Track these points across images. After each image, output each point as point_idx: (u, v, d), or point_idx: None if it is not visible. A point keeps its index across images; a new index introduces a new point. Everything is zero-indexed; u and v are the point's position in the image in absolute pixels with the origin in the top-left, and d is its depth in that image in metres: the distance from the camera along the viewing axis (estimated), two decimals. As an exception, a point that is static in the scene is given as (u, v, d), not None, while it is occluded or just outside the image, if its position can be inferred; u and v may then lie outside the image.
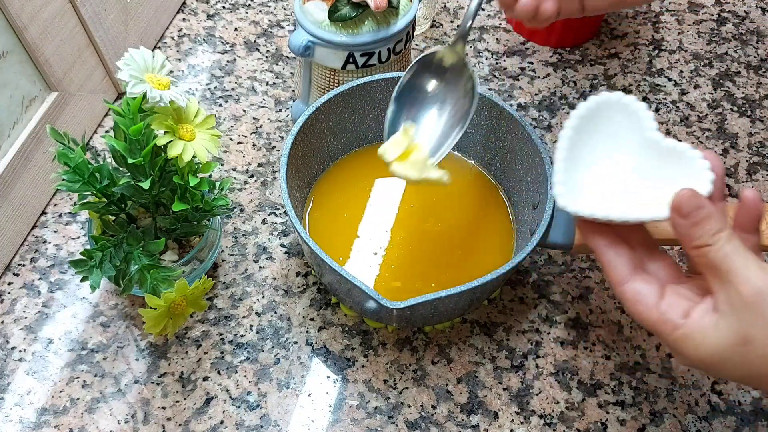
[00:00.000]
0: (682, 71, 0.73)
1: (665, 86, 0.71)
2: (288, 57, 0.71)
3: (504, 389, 0.51)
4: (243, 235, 0.58)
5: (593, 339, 0.54)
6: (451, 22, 0.76)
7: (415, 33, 0.73)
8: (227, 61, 0.70)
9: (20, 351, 0.51)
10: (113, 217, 0.50)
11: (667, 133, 0.67)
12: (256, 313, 0.54)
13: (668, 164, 0.41)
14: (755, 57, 0.75)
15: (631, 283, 0.39)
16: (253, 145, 0.64)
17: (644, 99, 0.70)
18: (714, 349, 0.35)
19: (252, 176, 0.62)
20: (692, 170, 0.39)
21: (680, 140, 0.66)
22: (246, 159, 0.63)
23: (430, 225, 0.55)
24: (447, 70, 0.49)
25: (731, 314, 0.34)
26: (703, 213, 0.36)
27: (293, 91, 0.68)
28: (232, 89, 0.68)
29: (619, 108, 0.43)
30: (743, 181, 0.64)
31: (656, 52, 0.74)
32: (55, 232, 0.57)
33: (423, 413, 0.50)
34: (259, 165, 0.62)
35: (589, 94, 0.70)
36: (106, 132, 0.64)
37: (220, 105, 0.66)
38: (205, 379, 0.50)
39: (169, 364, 0.51)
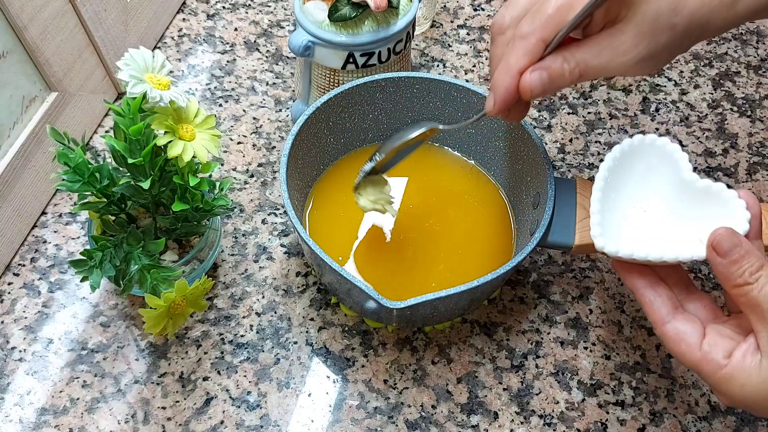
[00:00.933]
0: (682, 71, 0.73)
1: (665, 86, 0.71)
2: (288, 57, 0.71)
3: (504, 389, 0.51)
4: (243, 235, 0.58)
5: (593, 339, 0.54)
6: (451, 22, 0.76)
7: (415, 33, 0.73)
8: (227, 61, 0.70)
9: (20, 351, 0.51)
10: (113, 217, 0.50)
11: (667, 133, 0.67)
12: (256, 313, 0.54)
13: (704, 204, 0.41)
14: (755, 57, 0.75)
15: (673, 322, 0.39)
16: (253, 145, 0.64)
17: (644, 99, 0.70)
18: (759, 388, 0.35)
19: (252, 176, 0.62)
20: (728, 209, 0.39)
21: (680, 141, 0.67)
22: (246, 159, 0.63)
23: (430, 225, 0.55)
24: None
25: None
26: (742, 251, 0.36)
27: (293, 91, 0.68)
28: (232, 89, 0.68)
29: (653, 150, 0.44)
30: (743, 181, 0.64)
31: (656, 52, 0.74)
32: (55, 232, 0.57)
33: (423, 413, 0.50)
34: (259, 165, 0.62)
35: (589, 94, 0.70)
36: (106, 132, 0.64)
37: (220, 105, 0.66)
38: (205, 379, 0.50)
39: (169, 364, 0.51)
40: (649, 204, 0.44)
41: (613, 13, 0.38)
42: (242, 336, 0.52)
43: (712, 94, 0.71)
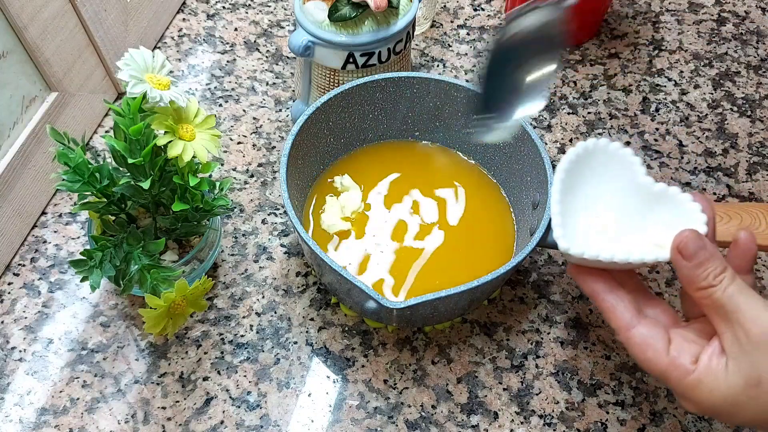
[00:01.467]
0: (682, 71, 0.73)
1: (665, 86, 0.71)
2: (288, 57, 0.71)
3: (504, 389, 0.51)
4: (243, 235, 0.58)
5: (593, 339, 0.54)
6: (451, 22, 0.76)
7: (415, 33, 0.73)
8: (227, 61, 0.70)
9: (20, 351, 0.51)
10: (113, 217, 0.50)
11: (667, 133, 0.67)
12: (256, 313, 0.54)
13: (661, 207, 0.42)
14: (755, 57, 0.75)
15: (639, 327, 0.38)
16: (253, 145, 0.64)
17: (644, 99, 0.70)
18: (726, 392, 0.35)
19: (252, 176, 0.62)
20: (685, 212, 0.40)
21: (680, 141, 0.67)
22: (246, 159, 0.63)
23: (430, 225, 0.55)
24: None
25: (740, 356, 0.34)
26: (707, 254, 0.36)
27: (293, 91, 0.68)
28: (232, 89, 0.68)
29: (607, 153, 0.44)
30: (743, 181, 0.64)
31: (656, 52, 0.74)
32: (55, 232, 0.57)
33: (423, 413, 0.50)
34: (259, 165, 0.62)
35: (589, 94, 0.70)
36: (106, 132, 0.64)
37: (220, 105, 0.66)
38: (205, 379, 0.50)
39: (169, 364, 0.51)
40: (606, 207, 0.44)
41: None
42: (242, 336, 0.52)
43: (712, 94, 0.71)
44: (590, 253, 0.40)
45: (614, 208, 0.44)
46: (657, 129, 0.68)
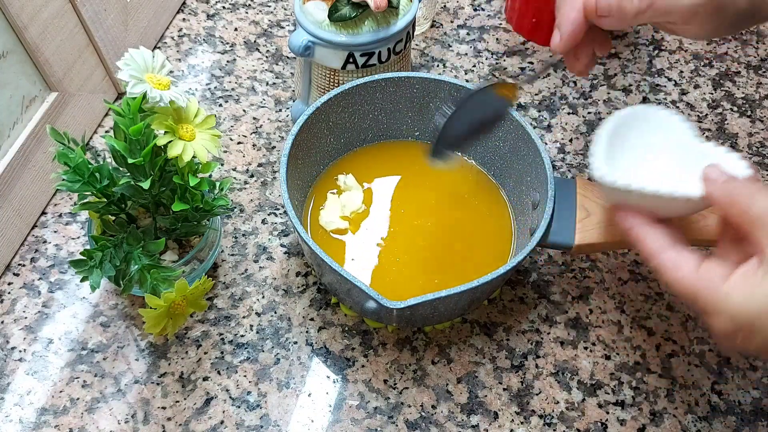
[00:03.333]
0: (682, 71, 0.73)
1: (665, 86, 0.71)
2: (288, 57, 0.71)
3: (504, 389, 0.51)
4: (243, 235, 0.58)
5: (593, 339, 0.54)
6: (451, 22, 0.76)
7: (415, 33, 0.73)
8: (227, 61, 0.70)
9: (20, 351, 0.51)
10: (113, 217, 0.50)
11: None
12: (256, 313, 0.54)
13: (705, 162, 0.41)
14: (755, 57, 0.75)
15: (670, 251, 0.38)
16: (253, 145, 0.64)
17: (644, 99, 0.70)
18: (762, 300, 0.34)
19: (252, 176, 0.62)
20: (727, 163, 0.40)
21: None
22: (246, 159, 0.63)
23: (430, 225, 0.55)
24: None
25: None
26: (736, 179, 0.36)
27: (293, 91, 0.68)
28: (232, 89, 0.68)
29: (657, 119, 0.45)
30: (743, 181, 0.64)
31: (656, 52, 0.74)
32: (55, 232, 0.57)
33: (423, 413, 0.50)
34: (259, 165, 0.62)
35: (589, 94, 0.70)
36: (106, 132, 0.64)
37: (220, 105, 0.66)
38: (205, 379, 0.50)
39: (169, 364, 0.51)
40: (650, 160, 0.45)
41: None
42: (242, 336, 0.52)
43: (712, 94, 0.71)
44: (621, 182, 0.40)
45: (659, 161, 0.44)
46: (657, 129, 0.68)
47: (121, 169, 0.46)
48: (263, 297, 0.54)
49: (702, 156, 0.41)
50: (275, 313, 0.54)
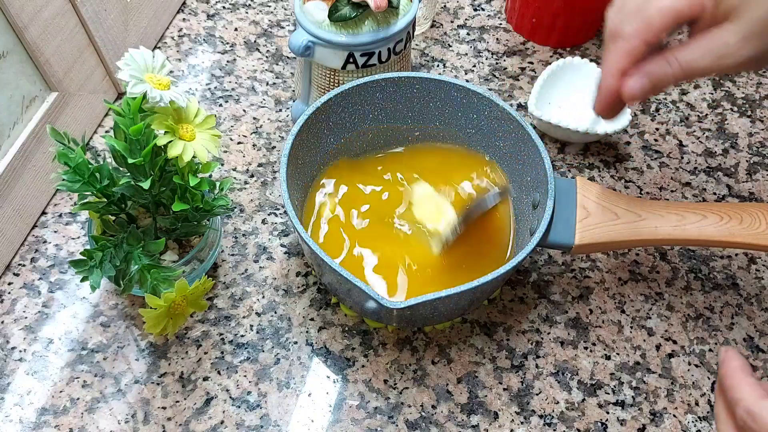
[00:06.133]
0: (682, 71, 0.73)
1: (665, 86, 0.71)
2: (288, 57, 0.71)
3: (504, 389, 0.51)
4: (243, 235, 0.58)
5: (593, 339, 0.54)
6: (451, 22, 0.76)
7: (415, 33, 0.73)
8: (227, 61, 0.70)
9: (20, 351, 0.51)
10: (113, 217, 0.50)
11: (667, 133, 0.67)
12: (256, 313, 0.54)
13: None
14: (755, 57, 0.75)
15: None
16: (253, 145, 0.64)
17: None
18: None
19: (252, 176, 0.62)
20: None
21: (680, 141, 0.67)
22: (246, 159, 0.63)
23: (430, 224, 0.55)
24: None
25: None
26: None
27: (293, 91, 0.68)
28: (232, 89, 0.68)
29: (584, 67, 0.67)
30: (743, 181, 0.64)
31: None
32: (55, 232, 0.57)
33: (423, 413, 0.50)
34: (259, 165, 0.62)
35: (589, 94, 0.70)
36: (106, 132, 0.64)
37: (220, 105, 0.66)
38: (205, 379, 0.50)
39: (169, 364, 0.51)
40: (575, 97, 0.66)
41: (721, 14, 0.37)
42: (242, 336, 0.52)
43: (712, 94, 0.71)
44: (546, 117, 0.62)
45: (578, 101, 0.64)
46: (657, 129, 0.68)
47: (121, 169, 0.46)
48: (263, 297, 0.54)
49: None
50: (275, 313, 0.54)
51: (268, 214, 0.59)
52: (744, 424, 0.34)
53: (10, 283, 0.54)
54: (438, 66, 0.71)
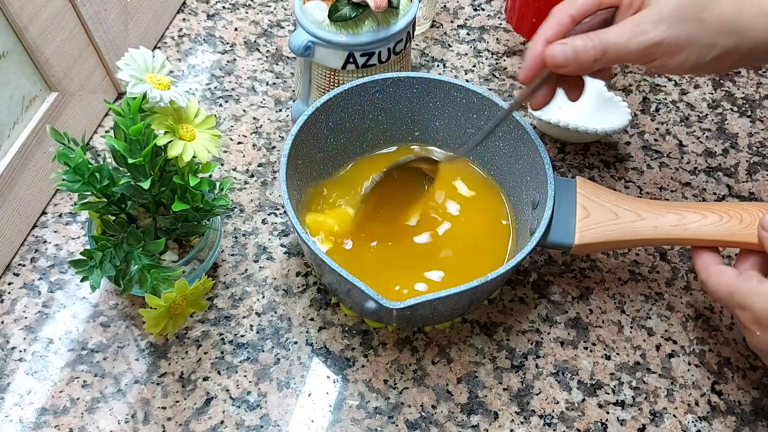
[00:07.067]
0: (682, 71, 0.73)
1: (665, 86, 0.71)
2: (288, 57, 0.71)
3: (504, 389, 0.51)
4: (243, 235, 0.58)
5: (593, 339, 0.54)
6: (451, 22, 0.76)
7: (415, 33, 0.73)
8: (227, 61, 0.70)
9: (20, 351, 0.51)
10: (113, 217, 0.50)
11: (667, 133, 0.67)
12: (256, 313, 0.54)
13: (608, 107, 0.64)
14: (755, 57, 0.75)
15: (719, 266, 0.47)
16: (253, 145, 0.64)
17: (644, 99, 0.70)
18: None
19: (252, 176, 0.62)
20: (619, 110, 0.63)
21: (680, 141, 0.67)
22: (246, 159, 0.63)
23: (430, 224, 0.55)
24: None
25: None
26: None
27: (293, 91, 0.68)
28: (232, 89, 0.68)
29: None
30: (743, 181, 0.64)
31: (656, 52, 0.74)
32: (55, 232, 0.57)
33: (423, 413, 0.50)
34: (259, 165, 0.62)
35: (589, 94, 0.70)
36: (106, 132, 0.64)
37: (220, 105, 0.66)
38: (205, 379, 0.50)
39: (169, 364, 0.51)
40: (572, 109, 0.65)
41: (638, 3, 0.42)
42: (242, 336, 0.52)
43: (712, 94, 0.71)
44: (546, 117, 0.61)
45: (579, 104, 0.59)
46: (657, 129, 0.68)
47: (121, 169, 0.46)
48: (263, 297, 0.54)
49: (606, 100, 0.64)
50: (275, 313, 0.54)
51: (268, 214, 0.59)
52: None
53: (10, 283, 0.54)
54: (438, 66, 0.71)
